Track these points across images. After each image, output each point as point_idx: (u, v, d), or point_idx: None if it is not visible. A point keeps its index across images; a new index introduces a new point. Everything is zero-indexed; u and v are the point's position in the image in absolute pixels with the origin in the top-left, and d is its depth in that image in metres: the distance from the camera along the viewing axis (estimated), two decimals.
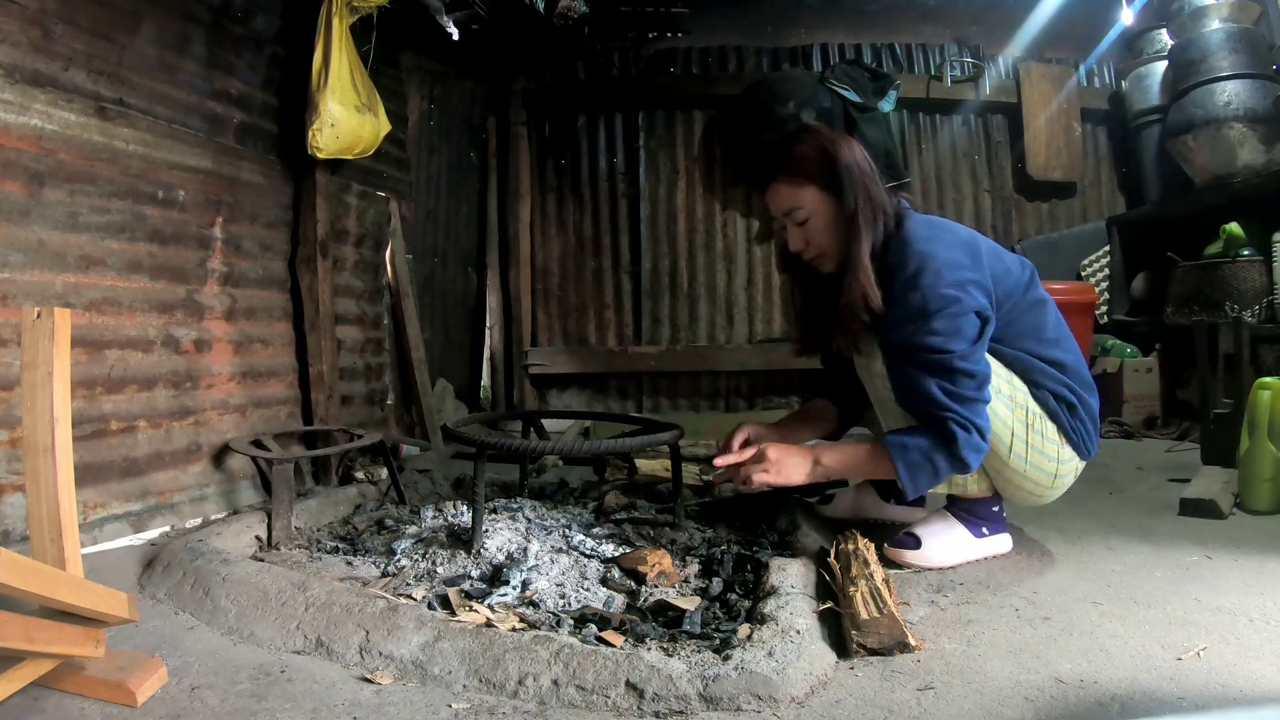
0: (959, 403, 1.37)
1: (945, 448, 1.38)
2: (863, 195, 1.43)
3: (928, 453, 1.39)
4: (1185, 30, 3.17)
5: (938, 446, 1.38)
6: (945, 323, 1.36)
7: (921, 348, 1.37)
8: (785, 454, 1.50)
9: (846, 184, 1.43)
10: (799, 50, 3.90)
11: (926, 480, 1.42)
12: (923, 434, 1.40)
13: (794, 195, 1.47)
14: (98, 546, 1.63)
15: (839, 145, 1.46)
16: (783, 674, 1.02)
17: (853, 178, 1.43)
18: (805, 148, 1.47)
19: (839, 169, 1.44)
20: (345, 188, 2.58)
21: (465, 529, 1.64)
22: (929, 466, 1.40)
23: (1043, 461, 1.51)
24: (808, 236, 1.49)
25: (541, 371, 3.83)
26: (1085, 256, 3.82)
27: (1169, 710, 0.96)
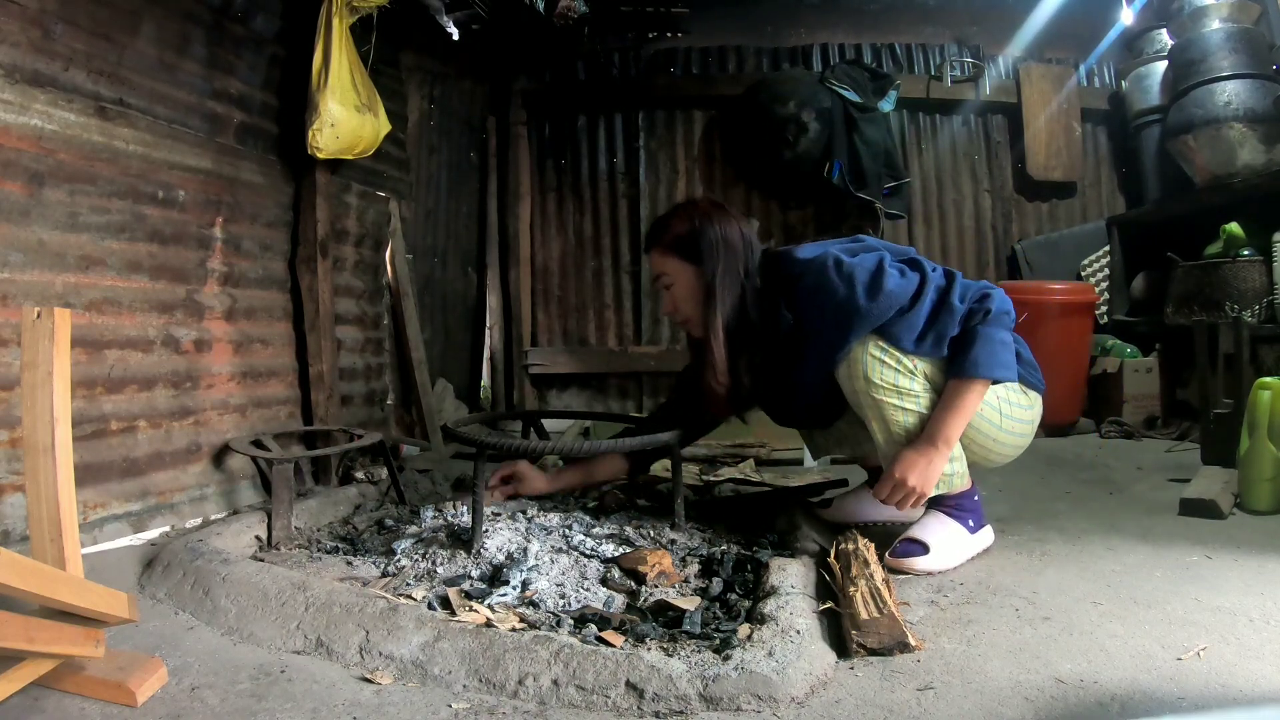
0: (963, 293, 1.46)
1: (990, 324, 1.44)
2: (721, 269, 1.58)
3: (987, 340, 1.43)
4: (1185, 30, 3.17)
5: (987, 330, 1.43)
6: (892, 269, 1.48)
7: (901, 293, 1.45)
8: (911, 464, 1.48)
9: (706, 258, 1.59)
10: (799, 50, 3.90)
11: (1007, 355, 1.45)
12: (968, 340, 1.44)
13: (663, 262, 1.65)
14: (98, 546, 1.62)
15: (710, 222, 1.60)
16: (783, 674, 1.02)
17: (715, 253, 1.58)
18: (678, 222, 1.63)
19: (701, 244, 1.59)
20: (345, 188, 2.58)
21: (465, 529, 1.64)
22: (998, 347, 1.43)
23: (1022, 414, 1.58)
24: (675, 302, 1.66)
25: (541, 371, 3.83)
26: (1085, 256, 3.82)
27: (1169, 710, 0.96)
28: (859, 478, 1.99)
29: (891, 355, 1.47)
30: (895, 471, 1.48)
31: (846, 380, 1.52)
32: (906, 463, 1.48)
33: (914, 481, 1.47)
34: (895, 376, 1.48)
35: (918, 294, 1.46)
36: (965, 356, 1.44)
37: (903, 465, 1.48)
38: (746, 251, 1.61)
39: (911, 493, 1.48)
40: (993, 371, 1.43)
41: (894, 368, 1.47)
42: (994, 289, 1.49)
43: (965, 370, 1.44)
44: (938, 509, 1.60)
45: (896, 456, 1.50)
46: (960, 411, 1.47)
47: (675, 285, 1.64)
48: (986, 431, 1.55)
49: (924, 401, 1.49)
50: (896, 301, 1.45)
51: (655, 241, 1.66)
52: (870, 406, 1.51)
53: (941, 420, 1.47)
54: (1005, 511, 1.89)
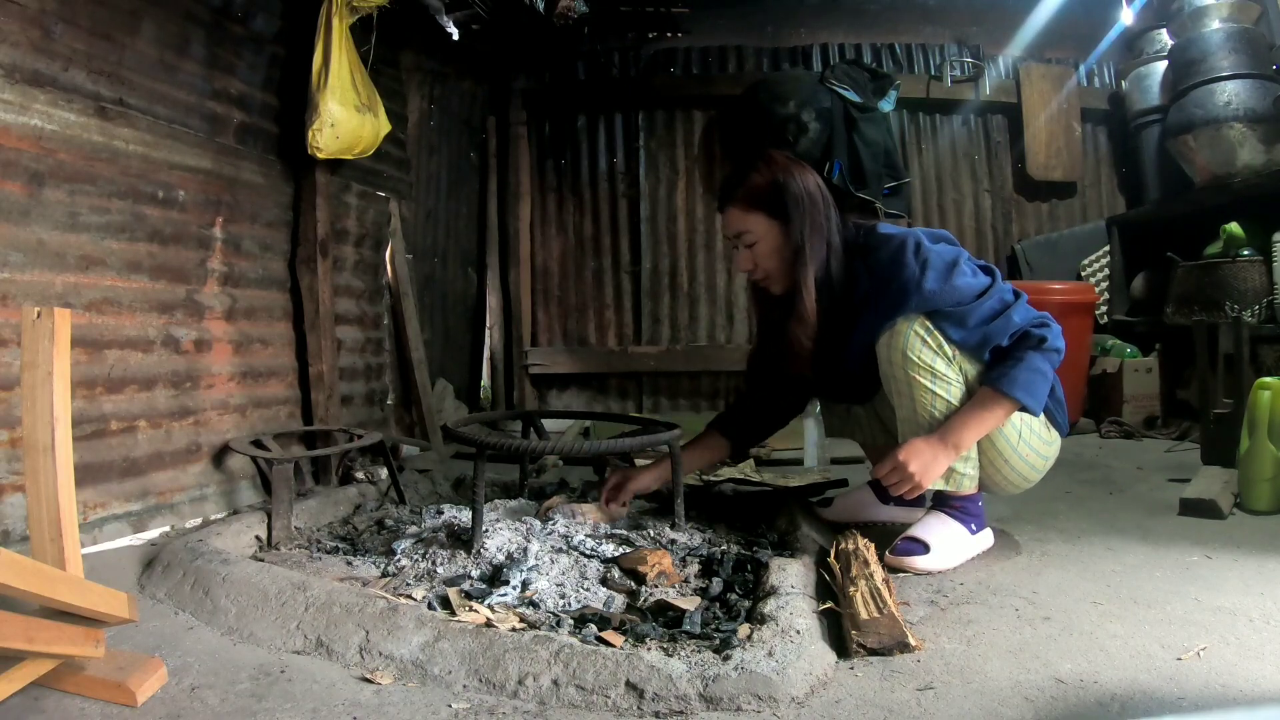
0: (1024, 312, 1.46)
1: (1039, 351, 1.44)
2: (809, 226, 1.54)
3: (1031, 366, 1.43)
4: (1185, 30, 3.17)
5: (1033, 356, 1.43)
6: (967, 265, 1.49)
7: (968, 291, 1.45)
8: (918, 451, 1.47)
9: (793, 213, 1.54)
10: (799, 50, 3.90)
11: (1043, 388, 1.45)
12: (1015, 356, 1.44)
13: (744, 220, 1.58)
14: (98, 546, 1.63)
15: (791, 175, 1.56)
16: (783, 674, 1.02)
17: (800, 209, 1.54)
18: (758, 177, 1.57)
19: (787, 199, 1.54)
20: (345, 188, 2.58)
21: (465, 529, 1.64)
22: (1039, 377, 1.43)
23: (1040, 446, 1.57)
24: (755, 259, 1.60)
25: (541, 371, 3.83)
26: (1085, 256, 3.82)
27: (1169, 710, 0.96)
28: (859, 478, 2.00)
29: (934, 338, 1.46)
30: (900, 454, 1.47)
31: (885, 351, 1.51)
32: (914, 449, 1.47)
33: (915, 469, 1.46)
34: (933, 359, 1.47)
35: (981, 294, 1.45)
36: (1006, 371, 1.44)
37: (909, 450, 1.47)
38: (827, 206, 1.57)
39: (909, 479, 1.46)
40: (1027, 397, 1.42)
41: (934, 350, 1.47)
42: (1053, 322, 1.47)
43: (1001, 384, 1.43)
44: (940, 509, 1.60)
45: (907, 441, 1.49)
46: (981, 420, 1.47)
47: (759, 243, 1.57)
48: (1000, 448, 1.54)
49: (955, 391, 1.49)
50: (960, 296, 1.45)
51: (732, 198, 1.59)
52: (902, 382, 1.50)
53: (961, 422, 1.47)
54: (1005, 511, 1.89)
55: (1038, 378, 1.43)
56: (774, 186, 1.55)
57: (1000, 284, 1.48)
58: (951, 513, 1.58)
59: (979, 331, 1.45)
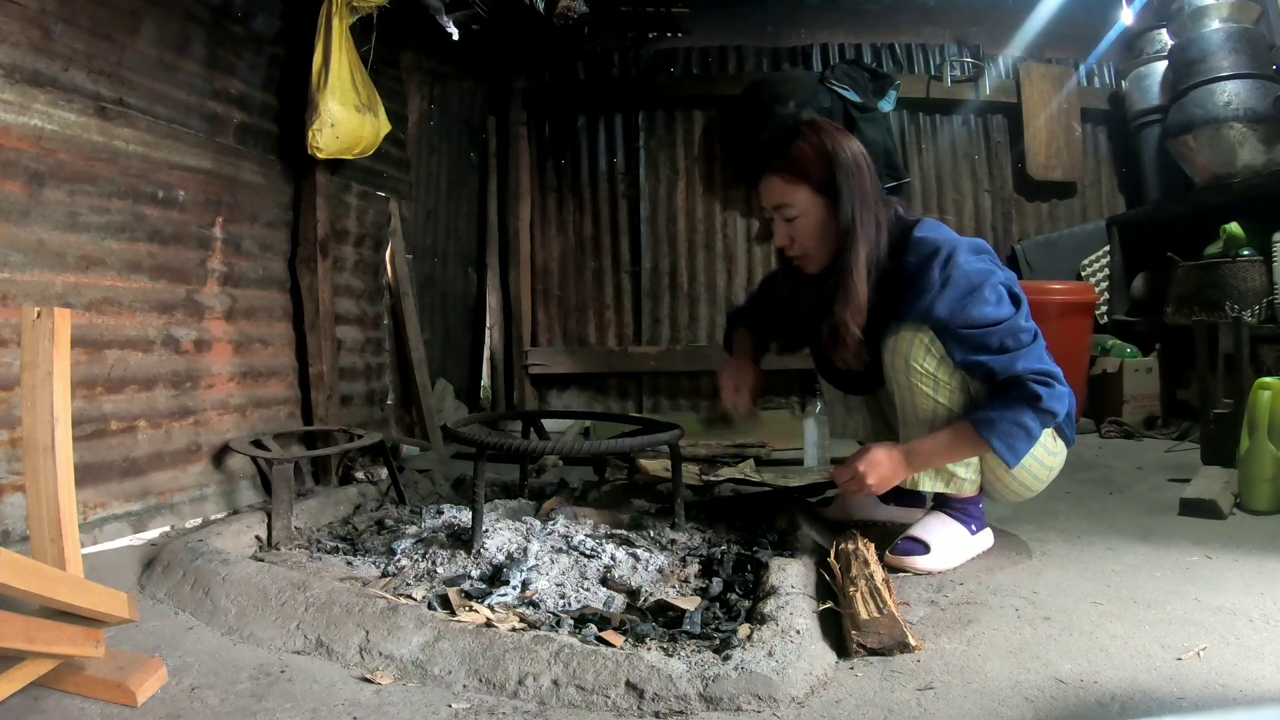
0: (1030, 360, 1.38)
1: (1030, 407, 1.37)
2: (859, 203, 1.43)
3: (1016, 419, 1.38)
4: (1185, 30, 3.17)
5: (1023, 409, 1.38)
6: (991, 292, 1.39)
7: (979, 320, 1.38)
8: (877, 464, 1.46)
9: (843, 187, 1.43)
10: (799, 50, 3.90)
11: (1024, 445, 1.40)
12: (1004, 402, 1.39)
13: (786, 191, 1.47)
14: (98, 546, 1.63)
15: (841, 145, 1.45)
16: (783, 674, 1.02)
17: (850, 183, 1.43)
18: (806, 145, 1.45)
19: (838, 172, 1.43)
20: (345, 188, 2.58)
21: (465, 529, 1.64)
22: (1021, 431, 1.38)
23: (1045, 456, 1.54)
24: (794, 234, 1.49)
25: (541, 371, 3.83)
26: (1085, 256, 3.82)
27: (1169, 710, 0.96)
28: None
29: (938, 348, 1.43)
30: (861, 464, 1.46)
31: (889, 355, 1.48)
32: (874, 463, 1.46)
33: (872, 481, 1.45)
34: (937, 367, 1.45)
35: (993, 324, 1.39)
36: (990, 415, 1.39)
37: (869, 462, 1.46)
38: (873, 179, 1.46)
39: (864, 489, 1.46)
40: (1003, 448, 1.39)
41: (938, 359, 1.44)
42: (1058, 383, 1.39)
43: (981, 426, 1.40)
44: (941, 510, 1.60)
45: (869, 450, 1.48)
46: (950, 451, 1.47)
47: (801, 218, 1.46)
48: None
49: (957, 398, 1.47)
50: (970, 321, 1.38)
51: (776, 166, 1.46)
52: (904, 386, 1.49)
53: (928, 447, 1.47)
54: (1005, 511, 1.89)
55: (1019, 432, 1.38)
56: (823, 157, 1.44)
57: (1019, 320, 1.40)
58: (951, 513, 1.58)
59: (978, 359, 1.40)
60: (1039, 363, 1.39)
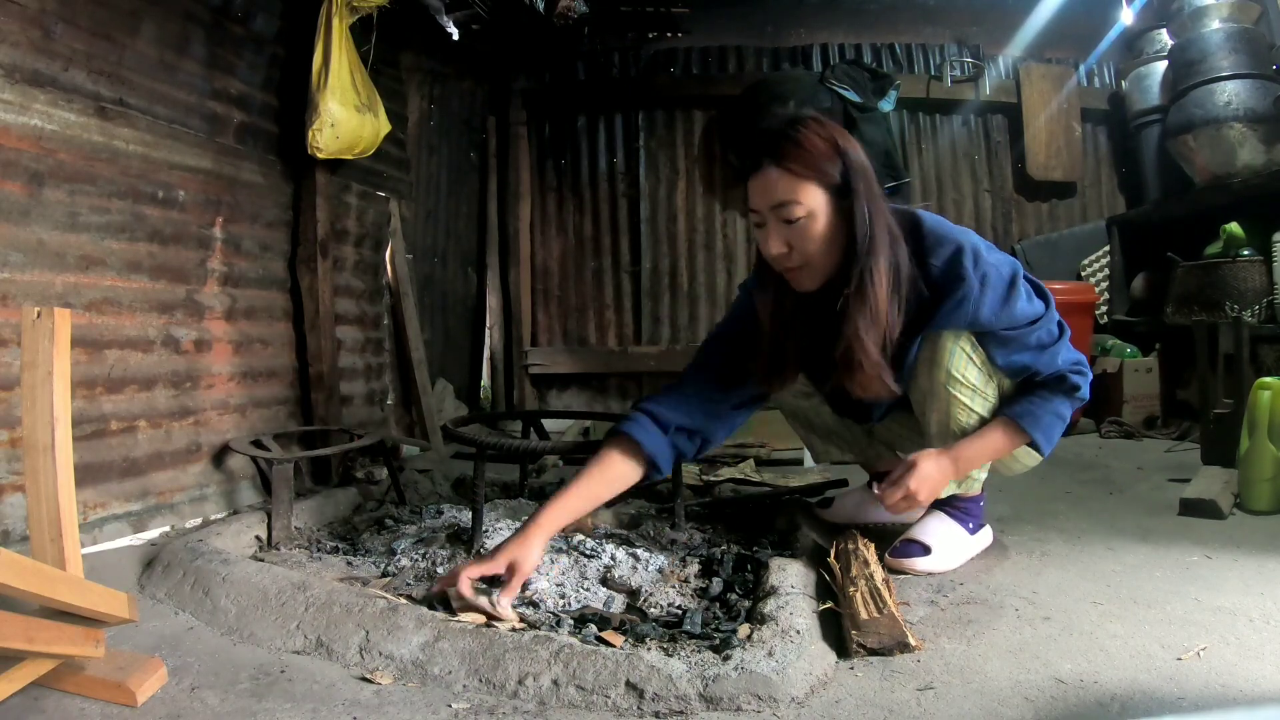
0: (1068, 351, 1.42)
1: (1068, 398, 1.43)
2: (875, 208, 1.28)
3: (1058, 410, 1.42)
4: (1185, 30, 3.17)
5: (1064, 401, 1.42)
6: (1024, 286, 1.36)
7: (1021, 319, 1.35)
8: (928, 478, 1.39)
9: (860, 191, 1.26)
10: (799, 50, 3.90)
11: (1059, 433, 1.44)
12: (1045, 395, 1.42)
13: (791, 188, 1.25)
14: (98, 546, 1.62)
15: (851, 143, 1.30)
16: (783, 674, 1.02)
17: (866, 185, 1.27)
18: (816, 137, 1.26)
19: (851, 171, 1.27)
20: (345, 188, 2.58)
21: (465, 529, 1.64)
22: (1060, 422, 1.43)
23: None
24: (793, 240, 1.28)
25: (541, 371, 3.83)
26: (1085, 256, 3.82)
27: (1169, 710, 0.96)
28: (859, 478, 1.99)
29: (979, 354, 1.40)
30: (911, 483, 1.37)
31: (926, 365, 1.40)
32: (924, 474, 1.39)
33: (923, 498, 1.40)
34: (976, 375, 1.42)
35: (1034, 321, 1.37)
36: (1032, 409, 1.42)
37: (920, 476, 1.38)
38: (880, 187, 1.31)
39: (915, 506, 1.43)
40: (1045, 441, 1.43)
41: (979, 367, 1.41)
42: (1088, 370, 1.43)
43: (1024, 420, 1.42)
44: (940, 509, 1.59)
45: (915, 467, 1.39)
46: (995, 450, 1.47)
47: (806, 221, 1.26)
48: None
49: (990, 406, 1.46)
50: (1014, 320, 1.35)
51: (780, 157, 1.25)
52: (940, 398, 1.43)
53: (974, 450, 1.45)
54: (1005, 511, 1.89)
55: (1058, 423, 1.43)
56: (836, 152, 1.26)
57: (1052, 312, 1.39)
58: (951, 513, 1.58)
59: (1023, 360, 1.40)
60: (1073, 352, 1.43)
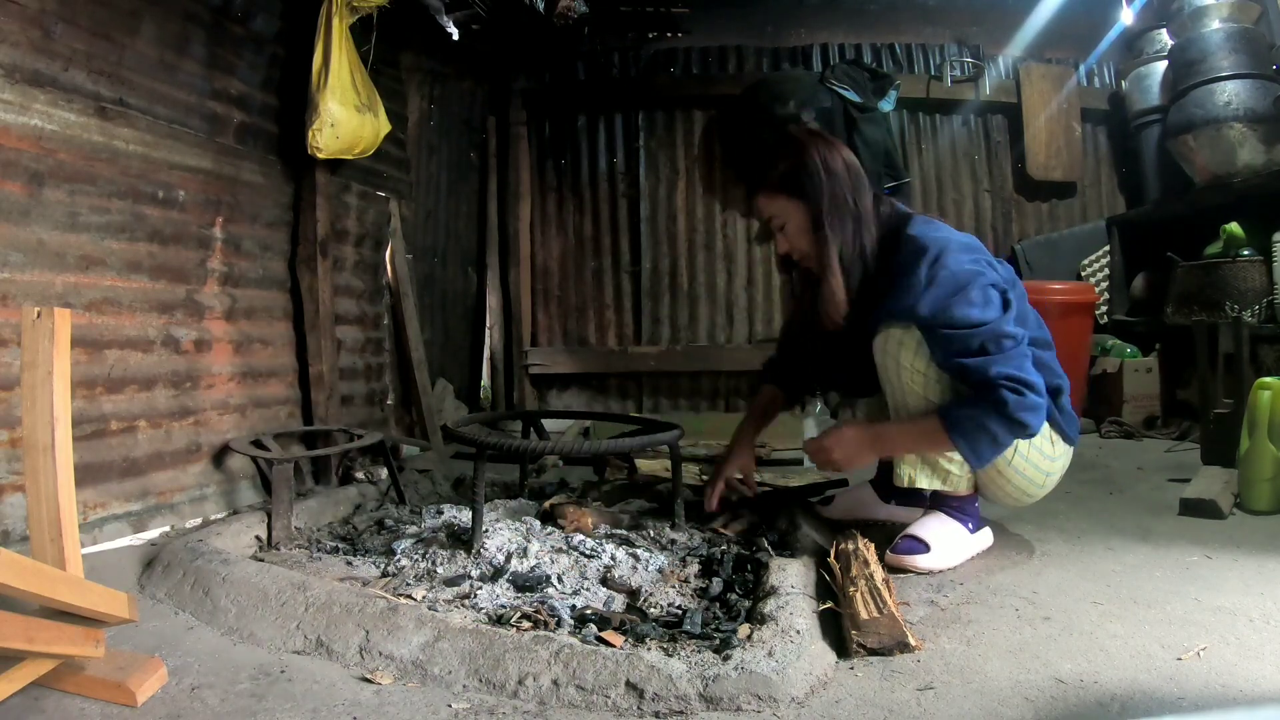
0: (1007, 366, 1.38)
1: (997, 413, 1.39)
2: (829, 202, 1.51)
3: (982, 421, 1.40)
4: (1185, 30, 3.17)
5: (990, 413, 1.39)
6: (978, 294, 1.41)
7: (962, 321, 1.40)
8: (844, 441, 1.54)
9: (810, 191, 1.52)
10: (799, 50, 3.90)
11: (988, 449, 1.42)
12: (975, 403, 1.41)
13: (770, 204, 1.58)
14: (98, 546, 1.62)
15: (811, 154, 1.53)
16: (783, 674, 1.02)
17: (816, 185, 1.52)
18: (780, 161, 1.56)
19: (804, 177, 1.53)
20: (345, 188, 2.58)
21: (465, 529, 1.64)
22: (986, 436, 1.41)
23: (1042, 461, 1.53)
24: (789, 241, 1.59)
25: (541, 371, 3.83)
26: (1085, 256, 3.82)
27: (1169, 710, 0.96)
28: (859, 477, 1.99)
29: (925, 350, 1.47)
30: (829, 440, 1.55)
31: (879, 354, 1.53)
32: (842, 440, 1.54)
33: (837, 455, 1.55)
34: (926, 364, 1.48)
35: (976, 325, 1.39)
36: (960, 412, 1.42)
37: (838, 437, 1.55)
38: (854, 180, 1.54)
39: (830, 463, 1.55)
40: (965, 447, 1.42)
41: (926, 356, 1.47)
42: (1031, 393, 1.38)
43: (947, 420, 1.43)
44: (939, 509, 1.60)
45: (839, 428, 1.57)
46: (916, 441, 1.52)
47: (787, 224, 1.57)
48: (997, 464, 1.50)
49: (948, 395, 1.48)
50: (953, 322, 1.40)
51: (759, 184, 1.61)
52: (894, 384, 1.53)
53: (895, 432, 1.54)
54: (1005, 511, 1.89)
55: (984, 436, 1.41)
56: (793, 166, 1.54)
57: (1004, 325, 1.40)
58: (950, 512, 1.59)
59: (957, 362, 1.41)
60: (1016, 370, 1.38)
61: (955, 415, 1.43)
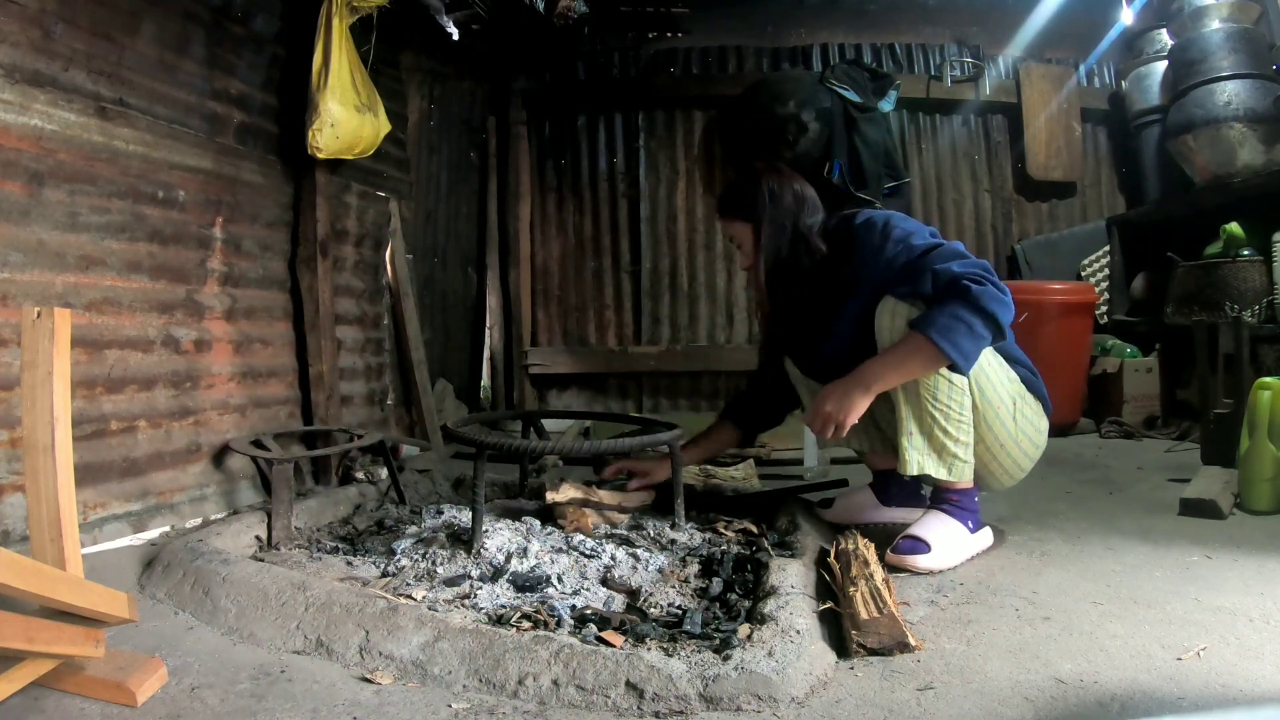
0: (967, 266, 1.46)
1: (969, 304, 1.43)
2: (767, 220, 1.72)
3: (954, 312, 1.43)
4: (1185, 30, 3.17)
5: (959, 304, 1.43)
6: (928, 232, 1.60)
7: (920, 250, 1.54)
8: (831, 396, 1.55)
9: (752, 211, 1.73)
10: (799, 50, 3.90)
11: (968, 342, 1.44)
12: (940, 301, 1.46)
13: (728, 227, 1.82)
14: (98, 546, 1.62)
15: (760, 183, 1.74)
16: (783, 674, 1.02)
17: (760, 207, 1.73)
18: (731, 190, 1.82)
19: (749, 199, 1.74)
20: (345, 188, 2.58)
21: (465, 529, 1.64)
22: (963, 326, 1.43)
23: (1034, 434, 1.62)
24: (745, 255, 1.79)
25: (541, 371, 3.83)
26: (1085, 256, 3.82)
27: (1169, 710, 0.96)
28: (859, 478, 1.99)
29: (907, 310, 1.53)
30: (817, 404, 1.57)
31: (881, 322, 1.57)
32: (828, 393, 1.56)
33: (829, 408, 1.54)
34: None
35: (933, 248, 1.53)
36: (928, 314, 1.46)
37: (823, 396, 1.57)
38: (798, 205, 1.73)
39: (828, 419, 1.54)
40: (942, 339, 1.43)
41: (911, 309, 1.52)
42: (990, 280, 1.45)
43: (919, 324, 1.46)
44: (938, 507, 1.60)
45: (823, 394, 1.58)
46: (899, 361, 1.51)
47: (742, 242, 1.78)
48: (998, 433, 1.57)
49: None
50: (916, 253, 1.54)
51: (720, 208, 1.84)
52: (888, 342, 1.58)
53: (875, 364, 1.53)
54: (1005, 511, 1.89)
55: (958, 324, 1.43)
56: (743, 194, 1.76)
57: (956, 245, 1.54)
58: (950, 510, 1.59)
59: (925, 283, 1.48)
60: (975, 268, 1.47)
61: (929, 319, 1.46)
